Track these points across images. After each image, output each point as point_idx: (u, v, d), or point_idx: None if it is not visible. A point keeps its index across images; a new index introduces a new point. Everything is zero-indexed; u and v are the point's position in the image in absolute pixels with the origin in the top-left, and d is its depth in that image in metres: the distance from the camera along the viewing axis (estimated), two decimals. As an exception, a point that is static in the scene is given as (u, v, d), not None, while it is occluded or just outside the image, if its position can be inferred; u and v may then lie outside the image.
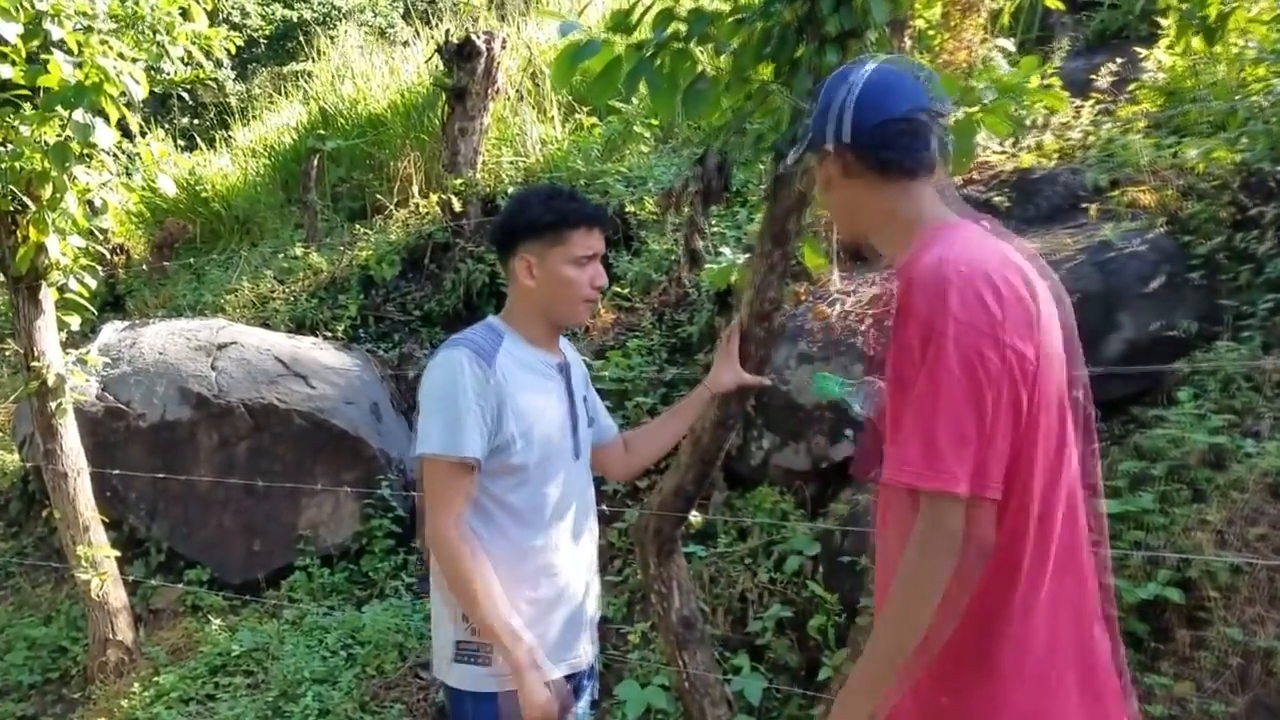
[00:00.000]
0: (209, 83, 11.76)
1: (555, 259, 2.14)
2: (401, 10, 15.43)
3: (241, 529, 5.47)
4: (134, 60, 4.79)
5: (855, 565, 3.55)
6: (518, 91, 7.80)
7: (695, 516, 3.63)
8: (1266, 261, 3.61)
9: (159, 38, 4.85)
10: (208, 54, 5.51)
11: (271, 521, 5.40)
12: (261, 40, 15.19)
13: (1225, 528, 3.08)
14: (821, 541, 3.70)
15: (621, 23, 2.85)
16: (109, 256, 9.58)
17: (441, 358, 2.07)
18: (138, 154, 5.18)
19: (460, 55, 7.10)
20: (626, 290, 5.81)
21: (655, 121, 7.02)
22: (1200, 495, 3.19)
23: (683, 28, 2.82)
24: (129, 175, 5.14)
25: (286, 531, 5.38)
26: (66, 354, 4.89)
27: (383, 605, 4.76)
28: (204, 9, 5.14)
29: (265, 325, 6.86)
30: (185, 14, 5.11)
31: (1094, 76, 4.78)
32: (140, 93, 4.67)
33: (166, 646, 5.09)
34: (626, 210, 6.19)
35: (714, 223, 5.27)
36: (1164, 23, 4.54)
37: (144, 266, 9.53)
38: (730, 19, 2.88)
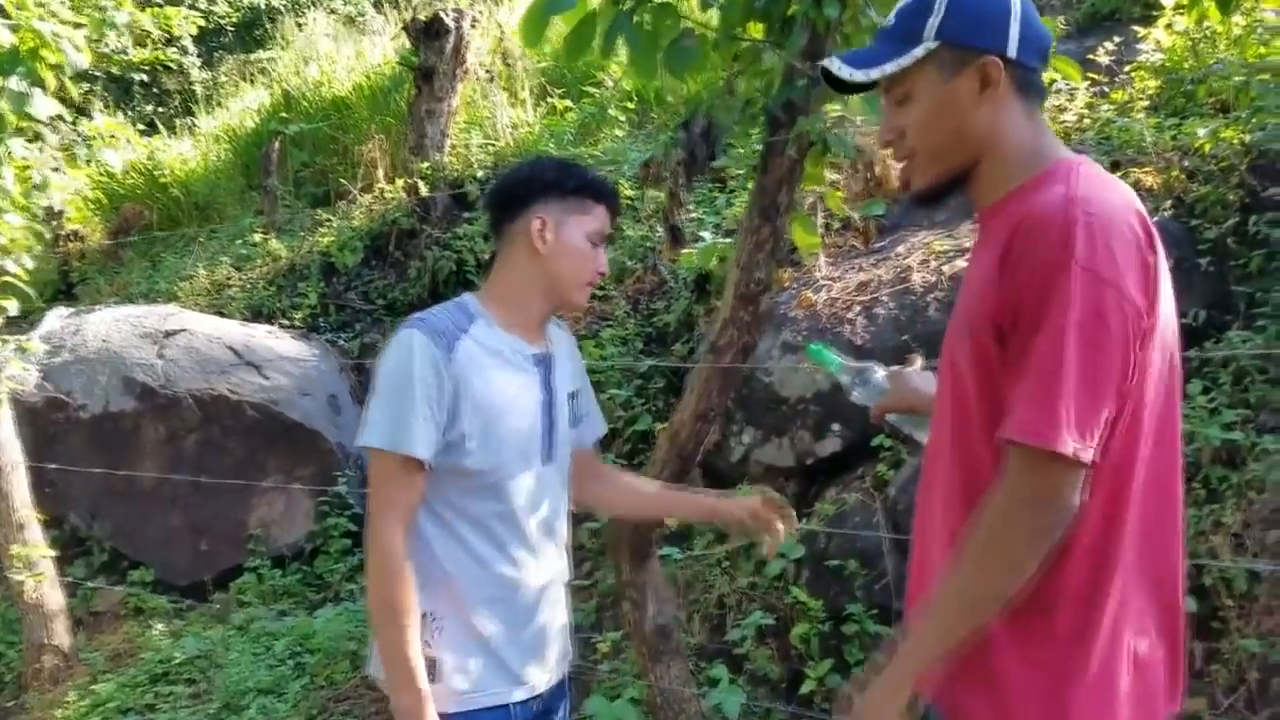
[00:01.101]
0: (170, 66, 11.38)
1: (574, 226, 1.87)
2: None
3: (189, 527, 5.18)
4: (76, 26, 4.46)
5: (842, 570, 3.32)
6: (488, 73, 7.52)
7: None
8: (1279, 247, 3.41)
9: (103, 2, 4.52)
10: (172, 37, 5.19)
11: (220, 520, 5.11)
12: (229, 28, 14.85)
13: (1242, 531, 2.88)
14: (805, 544, 3.47)
15: (594, -26, 2.59)
16: (62, 243, 9.24)
17: (397, 338, 1.80)
18: (88, 135, 4.89)
19: (428, 34, 6.81)
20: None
21: (630, 105, 6.77)
22: (1214, 496, 2.98)
23: (665, -21, 2.56)
24: (74, 153, 4.84)
25: (236, 530, 5.10)
26: (4, 340, 4.58)
27: (336, 610, 4.48)
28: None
29: (220, 313, 6.56)
30: (126, -20, 4.78)
31: (1091, 57, 4.57)
32: (83, 61, 4.34)
33: (107, 652, 4.81)
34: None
35: (692, 207, 5.03)
36: (1164, 1, 4.33)
37: (99, 253, 9.19)
38: (718, -30, 2.63)
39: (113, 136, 4.60)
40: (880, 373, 1.92)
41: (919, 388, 1.81)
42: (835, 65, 1.48)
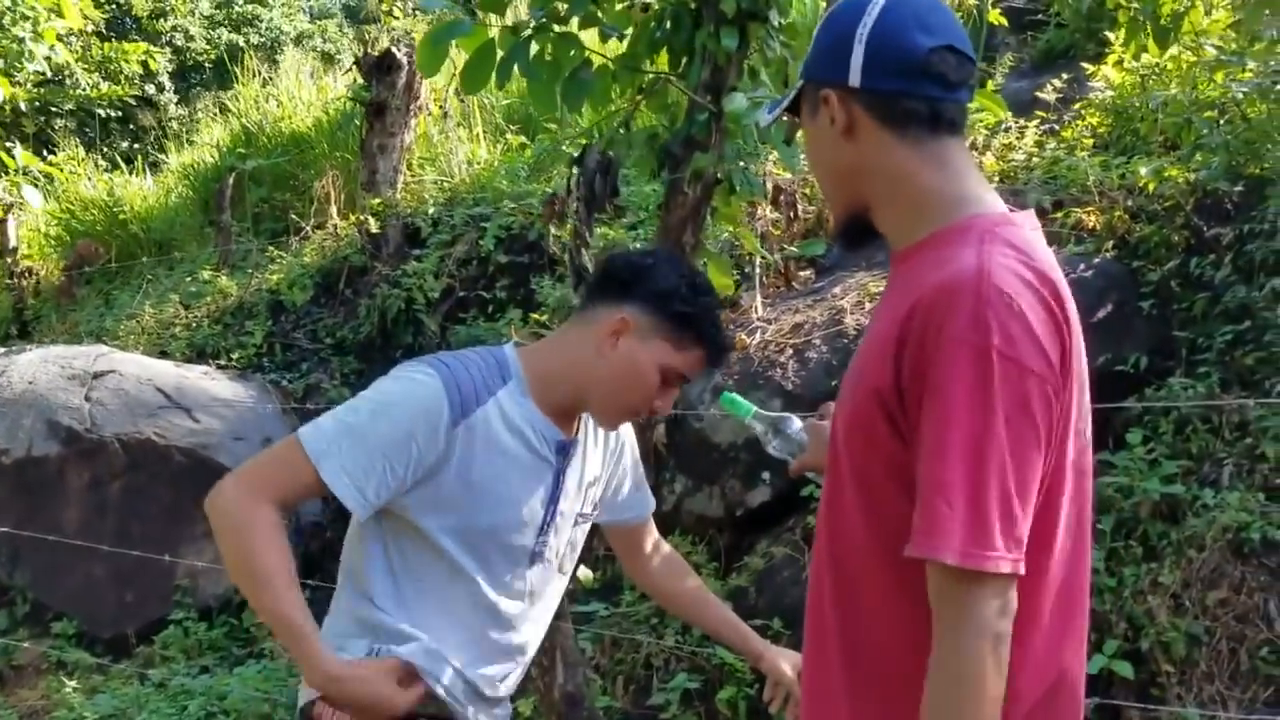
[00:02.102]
0: (130, 102, 11.28)
1: (654, 350, 1.61)
2: (351, 36, 15.14)
3: (113, 578, 4.98)
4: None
5: (768, 628, 3.15)
6: (442, 109, 7.43)
7: (585, 573, 3.21)
8: (1224, 289, 3.29)
9: (20, 33, 4.40)
10: (148, 72, 5.11)
11: (146, 570, 4.91)
12: (207, 64, 14.83)
13: (1181, 591, 2.73)
14: (733, 600, 3.29)
15: (493, 0, 2.46)
16: (16, 279, 9.10)
17: (415, 373, 1.61)
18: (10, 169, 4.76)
19: (380, 68, 6.72)
20: (546, 317, 5.42)
21: (584, 140, 6.67)
22: (1152, 553, 2.83)
23: (563, 7, 2.44)
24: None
25: (163, 581, 4.90)
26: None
27: (257, 667, 4.29)
28: (81, 10, 4.68)
29: (163, 353, 6.40)
30: (58, 11, 4.66)
31: (1039, 94, 4.48)
32: (-2, 94, 4.20)
33: (23, 709, 4.60)
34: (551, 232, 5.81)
35: (607, 236, 4.92)
36: (1112, 37, 4.25)
37: (54, 290, 9.04)
38: (619, 0, 2.52)
39: (27, 171, 4.46)
40: (796, 424, 1.76)
41: None
42: (759, 114, 1.48)
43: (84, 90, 8.83)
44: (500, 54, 2.45)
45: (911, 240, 1.25)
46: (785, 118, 1.44)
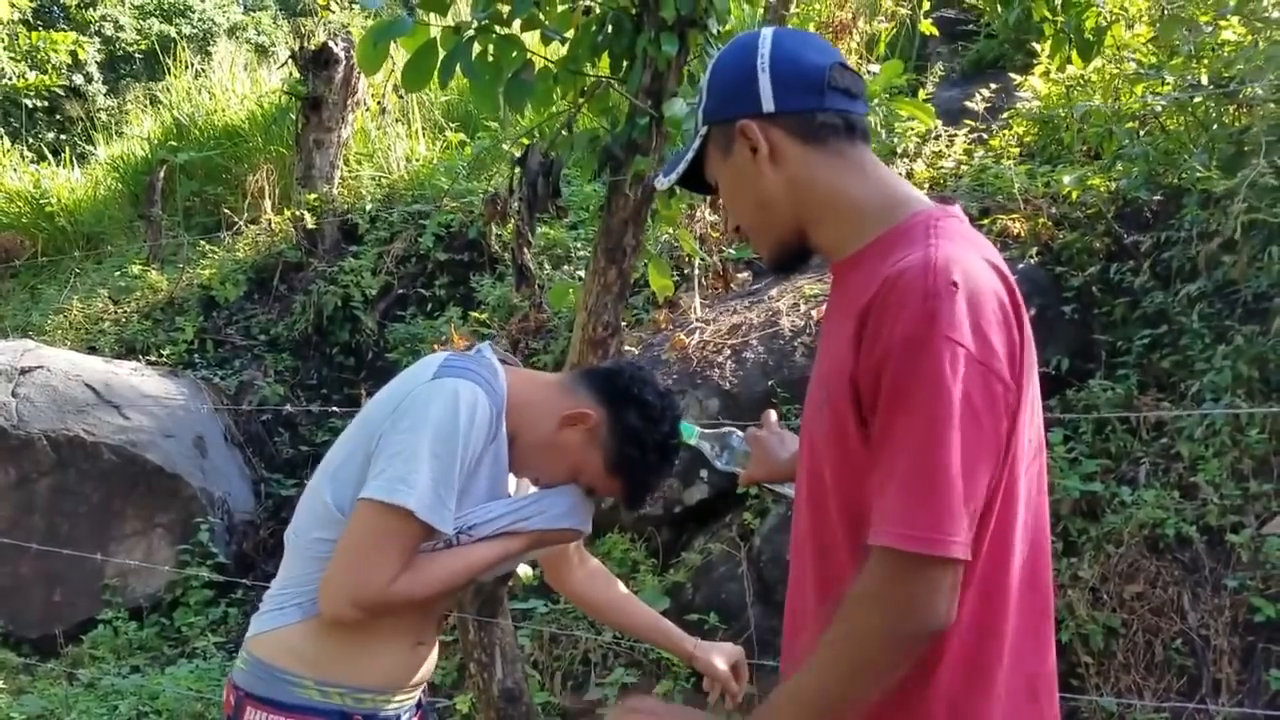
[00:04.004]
0: (58, 92, 10.99)
1: (590, 459, 1.64)
2: (287, 28, 14.89)
3: (40, 577, 4.88)
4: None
5: (704, 623, 3.20)
6: (380, 105, 7.36)
7: (525, 570, 3.23)
8: (1142, 295, 3.41)
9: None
10: (77, 62, 4.96)
11: (74, 569, 4.82)
12: (137, 55, 14.47)
13: (1100, 585, 2.83)
14: (671, 595, 3.35)
15: (436, 0, 2.47)
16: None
17: (458, 390, 1.55)
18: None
19: (317, 62, 6.64)
20: (486, 316, 5.42)
21: (525, 140, 6.67)
22: (1072, 548, 2.94)
23: (505, 9, 2.46)
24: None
25: (91, 580, 4.82)
26: None
27: (190, 667, 4.23)
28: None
29: (92, 349, 6.26)
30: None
31: (969, 104, 4.59)
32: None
33: (-55, 711, 4.47)
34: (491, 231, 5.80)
35: (548, 236, 4.95)
36: (1040, 49, 4.37)
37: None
38: (561, 3, 2.54)
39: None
40: (738, 436, 1.81)
41: (777, 454, 1.70)
42: (657, 179, 1.45)
43: (10, 80, 8.58)
44: (442, 54, 2.46)
45: (855, 247, 1.27)
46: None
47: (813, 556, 1.30)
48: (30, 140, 11.97)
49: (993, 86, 4.61)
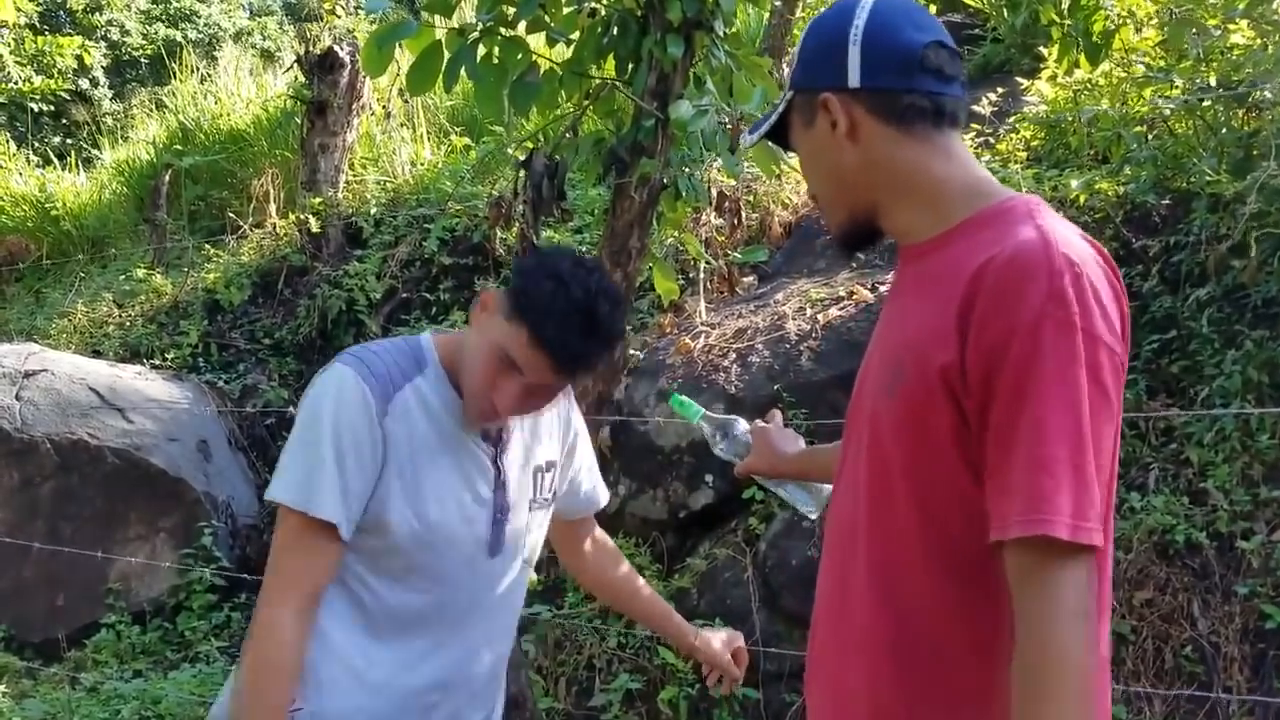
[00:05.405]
0: (64, 97, 11.00)
1: (496, 328, 1.47)
2: (292, 33, 14.93)
3: (44, 581, 4.87)
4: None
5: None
6: (385, 109, 7.36)
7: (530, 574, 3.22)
8: (1150, 300, 3.39)
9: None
10: (83, 66, 4.96)
11: (77, 573, 4.82)
12: (143, 60, 14.51)
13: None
14: (676, 601, 3.32)
15: (441, 2, 2.47)
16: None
17: (326, 373, 1.50)
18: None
19: (322, 66, 6.64)
20: (490, 320, 5.41)
21: (530, 144, 6.67)
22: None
23: (511, 11, 2.45)
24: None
25: (94, 584, 4.80)
26: None
27: (192, 671, 4.22)
28: (13, 3, 4.56)
29: (96, 352, 6.26)
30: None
31: (976, 108, 4.57)
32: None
33: (-52, 716, 4.46)
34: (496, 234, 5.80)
35: (553, 240, 4.93)
36: (1047, 53, 4.35)
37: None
38: (567, 5, 2.53)
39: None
40: (742, 426, 1.78)
41: (781, 449, 1.67)
42: (743, 136, 1.42)
43: (16, 84, 8.60)
44: (447, 56, 2.45)
45: (934, 232, 1.23)
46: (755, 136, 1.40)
47: (868, 541, 1.25)
48: (36, 144, 12.01)
49: (999, 90, 4.59)
